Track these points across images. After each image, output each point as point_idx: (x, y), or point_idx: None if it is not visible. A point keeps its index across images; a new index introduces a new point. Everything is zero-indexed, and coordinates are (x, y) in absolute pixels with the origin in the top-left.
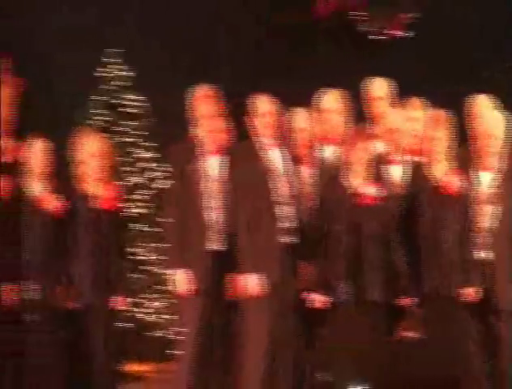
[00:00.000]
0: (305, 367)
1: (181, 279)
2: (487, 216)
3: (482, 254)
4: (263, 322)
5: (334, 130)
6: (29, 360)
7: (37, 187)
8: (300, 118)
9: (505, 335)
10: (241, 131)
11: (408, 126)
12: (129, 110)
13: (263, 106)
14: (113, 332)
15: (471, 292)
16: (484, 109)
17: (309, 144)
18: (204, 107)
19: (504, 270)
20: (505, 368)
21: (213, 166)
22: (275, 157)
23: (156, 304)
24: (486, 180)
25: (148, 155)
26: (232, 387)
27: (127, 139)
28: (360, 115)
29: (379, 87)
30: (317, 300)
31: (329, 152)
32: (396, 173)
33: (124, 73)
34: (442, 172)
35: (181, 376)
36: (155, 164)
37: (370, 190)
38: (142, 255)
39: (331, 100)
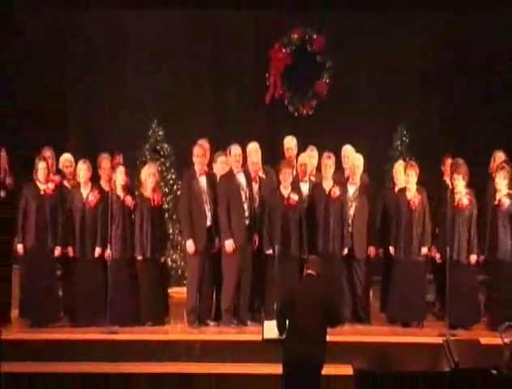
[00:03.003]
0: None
1: (189, 244)
2: (351, 209)
3: (349, 228)
4: (234, 264)
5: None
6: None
7: (120, 193)
8: (254, 155)
9: (362, 274)
10: None
11: (310, 161)
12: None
13: (235, 151)
14: (161, 272)
15: (344, 250)
16: (350, 152)
17: (258, 170)
18: (200, 151)
19: (359, 237)
20: (364, 294)
21: (203, 182)
22: (240, 178)
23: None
24: (352, 190)
25: (174, 176)
26: (219, 295)
27: (163, 167)
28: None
29: (291, 141)
30: (267, 252)
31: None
32: (305, 187)
33: (161, 132)
34: (328, 186)
35: (190, 293)
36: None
37: (293, 197)
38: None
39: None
